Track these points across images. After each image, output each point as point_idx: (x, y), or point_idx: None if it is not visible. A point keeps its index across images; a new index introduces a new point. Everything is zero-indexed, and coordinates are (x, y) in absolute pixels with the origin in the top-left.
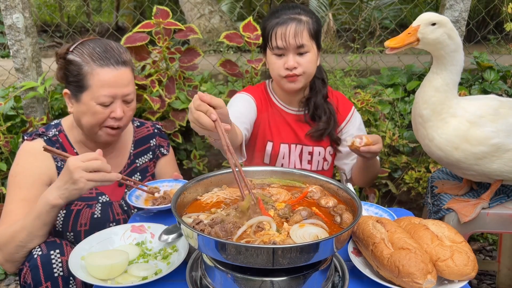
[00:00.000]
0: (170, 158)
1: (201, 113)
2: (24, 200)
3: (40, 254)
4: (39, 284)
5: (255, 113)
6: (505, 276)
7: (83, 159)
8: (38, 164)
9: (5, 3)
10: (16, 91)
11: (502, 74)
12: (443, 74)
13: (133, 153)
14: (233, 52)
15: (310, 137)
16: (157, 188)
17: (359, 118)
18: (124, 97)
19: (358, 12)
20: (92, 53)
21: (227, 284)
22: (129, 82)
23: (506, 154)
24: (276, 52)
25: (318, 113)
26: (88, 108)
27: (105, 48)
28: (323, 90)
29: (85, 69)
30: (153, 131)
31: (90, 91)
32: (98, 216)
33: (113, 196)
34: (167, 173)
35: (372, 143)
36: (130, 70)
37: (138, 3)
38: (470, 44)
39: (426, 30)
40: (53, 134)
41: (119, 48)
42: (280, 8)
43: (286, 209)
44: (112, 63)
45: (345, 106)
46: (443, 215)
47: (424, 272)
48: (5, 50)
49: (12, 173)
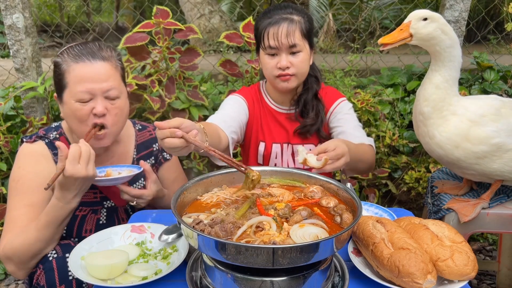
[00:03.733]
0: (173, 163)
1: (167, 138)
2: (29, 206)
3: (56, 257)
4: (53, 286)
5: (246, 115)
6: (505, 276)
7: (68, 158)
8: (40, 167)
9: (5, 3)
10: (16, 91)
11: (502, 74)
12: (442, 71)
13: (136, 157)
14: (233, 52)
15: (298, 134)
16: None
17: (346, 107)
18: (104, 93)
19: (358, 12)
20: (70, 52)
21: (227, 284)
22: (109, 77)
23: (506, 154)
24: (268, 52)
25: (307, 110)
26: (69, 107)
27: (85, 46)
28: (316, 87)
29: (63, 67)
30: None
31: (68, 89)
32: (104, 222)
33: (118, 200)
34: (169, 178)
35: (328, 162)
36: (111, 65)
37: (138, 3)
38: (470, 44)
39: (417, 25)
40: (53, 137)
41: (101, 46)
42: (271, 8)
43: (286, 209)
44: (88, 58)
45: (331, 98)
46: (443, 215)
47: (424, 272)
48: (5, 50)
49: (14, 178)
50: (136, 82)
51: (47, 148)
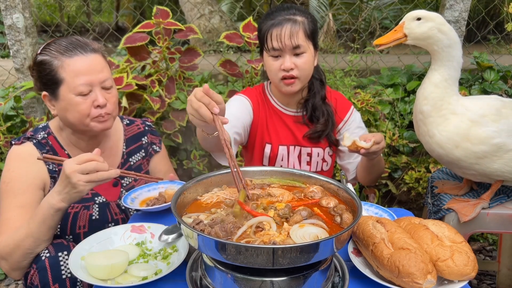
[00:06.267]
0: (163, 155)
1: (202, 104)
2: (21, 207)
3: (48, 256)
4: (46, 286)
5: (251, 115)
6: (505, 276)
7: (78, 161)
8: (29, 168)
9: (5, 3)
10: (16, 91)
11: (502, 74)
12: (441, 70)
13: (125, 152)
14: (233, 52)
15: (308, 138)
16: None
17: (358, 117)
18: (101, 84)
19: (358, 12)
20: (58, 48)
21: (227, 284)
22: (103, 67)
23: (507, 154)
24: (272, 54)
25: (316, 115)
26: (68, 102)
27: (71, 40)
28: (322, 92)
29: (55, 63)
30: (143, 128)
31: (66, 84)
32: (96, 218)
33: (109, 196)
34: (161, 170)
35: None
36: (101, 56)
37: (138, 3)
38: (470, 44)
39: (411, 25)
40: (42, 137)
41: (85, 40)
42: (274, 10)
43: (286, 209)
44: (81, 51)
45: (344, 107)
46: (443, 215)
47: (424, 272)
48: (5, 50)
49: (5, 180)
50: (136, 82)
51: (35, 148)
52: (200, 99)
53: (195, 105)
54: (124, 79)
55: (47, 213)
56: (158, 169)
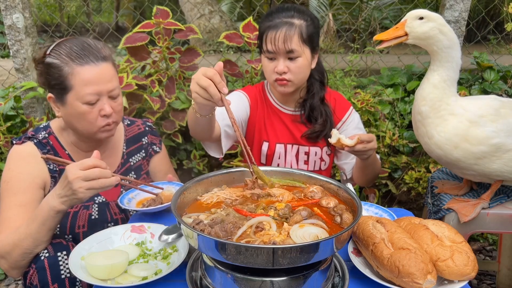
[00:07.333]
0: (163, 155)
1: (212, 83)
2: (21, 206)
3: (47, 256)
4: (46, 286)
5: (247, 112)
6: (505, 276)
7: (82, 167)
8: (30, 168)
9: (5, 3)
10: (16, 91)
11: (502, 74)
12: (440, 71)
13: (126, 152)
14: (233, 52)
15: (306, 138)
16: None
17: (357, 118)
18: (109, 93)
19: (358, 12)
20: (69, 53)
21: (227, 284)
22: (112, 77)
23: (506, 154)
24: (267, 56)
25: (314, 115)
26: (75, 109)
27: (83, 46)
28: (321, 93)
29: (65, 70)
30: (144, 129)
31: (74, 92)
32: (96, 217)
33: (109, 196)
34: (161, 171)
35: (359, 143)
36: (111, 65)
37: (138, 3)
38: (470, 44)
39: (413, 24)
40: (43, 137)
41: (97, 45)
42: (274, 10)
43: (286, 209)
44: (92, 59)
45: (342, 107)
46: (443, 215)
47: (424, 272)
48: (5, 50)
49: (5, 179)
50: (136, 82)
51: (36, 148)
52: (212, 77)
53: (204, 83)
54: (124, 79)
55: (47, 215)
56: (158, 169)
